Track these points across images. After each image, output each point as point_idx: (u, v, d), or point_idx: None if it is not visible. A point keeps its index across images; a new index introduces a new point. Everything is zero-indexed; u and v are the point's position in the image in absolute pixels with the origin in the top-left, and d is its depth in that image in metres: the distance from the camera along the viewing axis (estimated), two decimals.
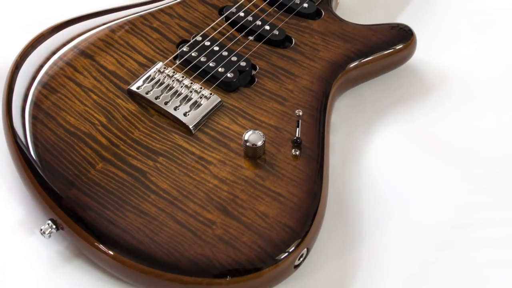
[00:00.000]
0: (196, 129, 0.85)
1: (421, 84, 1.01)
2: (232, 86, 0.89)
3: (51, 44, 0.92)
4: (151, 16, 0.97)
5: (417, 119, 0.97)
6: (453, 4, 1.11)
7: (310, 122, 0.87)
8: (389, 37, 0.97)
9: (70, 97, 0.87)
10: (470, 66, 1.03)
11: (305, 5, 0.99)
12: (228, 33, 0.95)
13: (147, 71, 0.89)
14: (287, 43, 0.96)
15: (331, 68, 0.93)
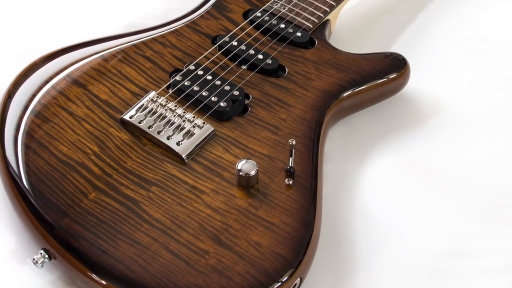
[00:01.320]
0: (189, 158, 0.88)
1: (414, 113, 1.04)
2: (225, 115, 0.93)
3: (44, 73, 0.96)
4: (144, 45, 1.00)
5: (410, 148, 1.00)
6: (447, 33, 1.15)
7: (304, 151, 0.90)
8: (382, 66, 1.01)
9: (62, 126, 0.90)
10: (464, 95, 1.07)
11: (298, 34, 1.02)
12: (221, 62, 0.99)
13: (140, 100, 0.93)
14: (280, 72, 0.99)
15: (325, 97, 0.97)
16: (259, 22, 1.04)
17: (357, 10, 1.18)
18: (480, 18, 1.17)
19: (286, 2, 1.06)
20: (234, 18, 1.05)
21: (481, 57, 1.12)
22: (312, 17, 1.05)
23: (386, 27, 1.16)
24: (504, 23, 1.17)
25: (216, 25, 1.04)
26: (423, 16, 1.17)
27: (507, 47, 1.13)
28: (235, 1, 1.08)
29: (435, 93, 1.06)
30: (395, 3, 1.20)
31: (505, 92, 1.07)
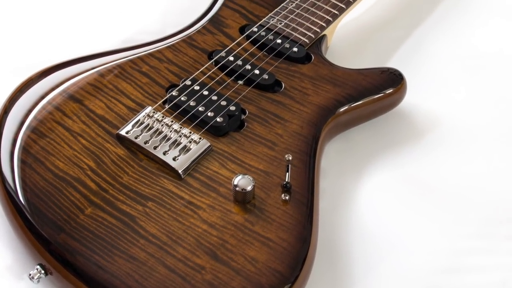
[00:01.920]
0: (186, 173, 0.90)
1: (411, 129, 1.06)
2: (222, 130, 0.94)
3: (40, 89, 0.97)
4: (140, 60, 1.02)
5: (407, 164, 1.02)
6: (443, 48, 1.17)
7: (300, 166, 0.92)
8: (379, 81, 1.03)
9: (59, 142, 0.92)
10: (460, 110, 1.09)
11: (294, 50, 1.04)
12: (218, 78, 1.00)
13: (136, 116, 0.94)
14: (276, 88, 1.01)
15: (321, 112, 0.98)
16: (256, 37, 1.05)
17: (354, 25, 1.20)
18: (476, 34, 1.19)
19: (282, 17, 1.08)
20: (230, 33, 1.07)
21: (477, 73, 1.14)
22: (309, 32, 1.06)
23: (383, 42, 1.18)
24: (500, 39, 1.19)
25: (213, 40, 1.06)
26: (419, 31, 1.20)
27: (503, 62, 1.15)
28: (232, 16, 1.09)
29: (431, 108, 1.08)
30: (392, 18, 1.22)
31: (501, 107, 1.09)
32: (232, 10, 1.10)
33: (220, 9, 1.11)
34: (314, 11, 1.09)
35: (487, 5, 1.23)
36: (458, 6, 1.23)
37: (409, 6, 1.23)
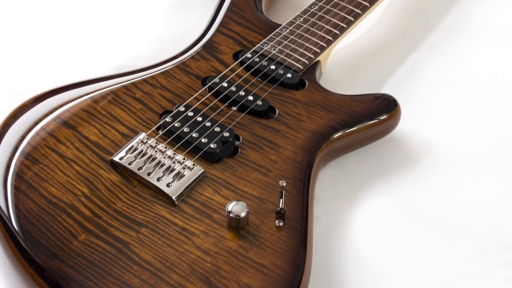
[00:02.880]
0: (179, 200, 0.92)
1: (405, 155, 1.08)
2: (215, 156, 0.97)
3: (34, 115, 0.99)
4: (134, 86, 1.05)
5: (401, 190, 1.04)
6: (437, 74, 1.20)
7: (294, 193, 0.94)
8: (373, 107, 1.05)
9: (52, 168, 0.94)
10: (454, 136, 1.11)
11: (288, 76, 1.07)
12: (212, 104, 1.03)
13: (130, 142, 0.97)
14: (270, 114, 1.03)
15: (315, 138, 1.01)
16: (250, 63, 1.08)
17: (348, 51, 1.23)
18: (470, 59, 1.22)
19: (276, 43, 1.11)
20: (224, 59, 1.10)
21: (472, 98, 1.16)
22: (303, 58, 1.09)
23: (377, 68, 1.21)
24: (494, 64, 1.21)
25: (206, 66, 1.08)
26: (413, 57, 1.22)
27: (498, 88, 1.18)
28: (225, 42, 1.12)
29: (425, 134, 1.11)
30: (386, 44, 1.25)
31: (496, 133, 1.12)
32: (226, 36, 1.13)
33: (213, 35, 1.13)
34: (308, 37, 1.12)
35: (481, 31, 1.26)
36: (452, 31, 1.26)
37: (403, 32, 1.26)
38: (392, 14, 1.29)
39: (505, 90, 1.17)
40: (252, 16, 1.16)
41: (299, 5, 1.27)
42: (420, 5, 1.30)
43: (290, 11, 1.25)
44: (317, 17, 1.14)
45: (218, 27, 1.15)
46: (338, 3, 1.16)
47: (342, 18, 1.14)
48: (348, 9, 1.15)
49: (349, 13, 1.14)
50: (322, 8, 1.16)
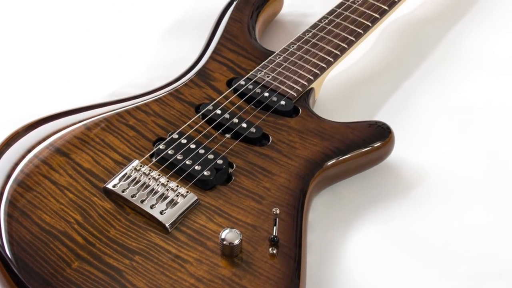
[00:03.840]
0: (173, 227, 0.94)
1: (399, 182, 1.11)
2: (209, 184, 0.99)
3: (27, 142, 1.02)
4: (127, 113, 1.07)
5: (395, 218, 1.06)
6: (431, 102, 1.22)
7: (288, 220, 0.96)
8: (367, 134, 1.07)
9: (45, 195, 0.96)
10: (448, 164, 1.13)
11: (282, 103, 1.09)
12: (205, 131, 1.05)
13: (123, 169, 0.99)
14: (264, 141, 1.05)
15: (309, 166, 1.03)
16: (243, 90, 1.11)
17: (341, 78, 1.25)
18: (464, 88, 1.25)
19: (270, 70, 1.14)
20: (218, 87, 1.12)
21: (465, 127, 1.19)
22: (296, 86, 1.12)
23: (370, 95, 1.23)
24: (488, 93, 1.24)
25: (200, 94, 1.11)
26: (407, 85, 1.25)
27: (491, 116, 1.20)
28: (219, 70, 1.15)
29: (419, 162, 1.13)
30: (379, 71, 1.27)
31: (489, 161, 1.14)
32: (219, 63, 1.16)
33: (207, 62, 1.16)
34: (302, 64, 1.14)
35: (475, 59, 1.29)
36: (446, 59, 1.29)
37: (397, 60, 1.29)
38: (386, 41, 1.32)
39: (499, 118, 1.20)
40: (245, 43, 1.19)
41: (293, 32, 1.30)
42: (414, 32, 1.34)
43: (283, 38, 1.28)
44: (311, 44, 1.17)
45: (212, 54, 1.17)
46: (331, 30, 1.19)
47: (336, 45, 1.17)
48: (342, 36, 1.18)
49: (343, 40, 1.17)
50: (315, 35, 1.18)
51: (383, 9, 1.22)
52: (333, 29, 1.19)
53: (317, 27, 1.20)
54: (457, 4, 1.38)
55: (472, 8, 1.37)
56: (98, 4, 1.41)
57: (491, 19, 1.36)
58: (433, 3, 1.39)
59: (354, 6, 1.23)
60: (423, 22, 1.35)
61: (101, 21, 1.37)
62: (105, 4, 1.41)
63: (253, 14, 1.24)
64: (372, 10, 1.22)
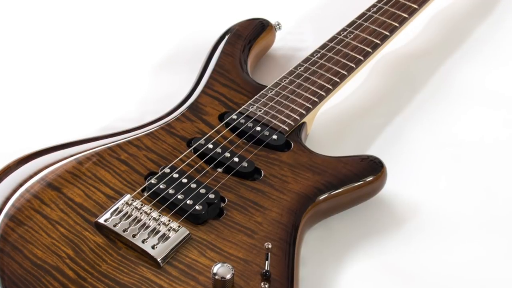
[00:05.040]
0: (165, 262, 0.96)
1: (391, 217, 1.13)
2: (201, 218, 1.01)
3: (18, 176, 1.04)
4: (118, 148, 1.10)
5: (387, 252, 1.08)
6: (423, 136, 1.25)
7: (279, 255, 0.98)
8: (359, 169, 1.10)
9: (37, 230, 0.98)
10: (441, 198, 1.16)
11: (274, 137, 1.12)
12: (197, 165, 1.08)
13: (114, 204, 1.01)
14: (256, 175, 1.08)
15: (301, 200, 1.05)
16: (235, 124, 1.13)
17: (333, 112, 1.28)
18: (456, 122, 1.27)
19: (262, 104, 1.16)
20: (209, 121, 1.15)
21: (458, 161, 1.21)
22: (288, 120, 1.14)
23: (363, 129, 1.26)
24: (480, 127, 1.26)
25: (192, 128, 1.14)
26: (400, 119, 1.27)
27: (484, 150, 1.23)
28: (211, 104, 1.17)
29: (412, 196, 1.15)
30: (371, 105, 1.30)
31: (482, 196, 1.16)
32: (211, 97, 1.19)
33: (199, 97, 1.19)
34: (294, 98, 1.17)
35: (467, 93, 1.32)
36: (438, 93, 1.32)
37: (389, 94, 1.32)
38: (378, 75, 1.35)
39: (491, 152, 1.22)
40: (237, 77, 1.22)
41: (285, 66, 1.33)
42: (406, 66, 1.37)
43: (275, 73, 1.31)
44: (303, 78, 1.20)
45: (204, 88, 1.20)
46: (324, 65, 1.22)
47: (328, 79, 1.19)
48: (334, 71, 1.21)
49: (335, 74, 1.20)
50: (308, 69, 1.21)
51: (375, 43, 1.26)
52: (325, 63, 1.22)
53: (309, 61, 1.23)
54: (449, 39, 1.42)
55: (464, 42, 1.41)
56: (90, 38, 1.44)
57: (483, 53, 1.40)
58: (425, 38, 1.43)
59: (346, 40, 1.26)
60: (416, 56, 1.39)
61: (92, 55, 1.41)
62: (97, 38, 1.44)
63: (245, 48, 1.28)
64: (364, 44, 1.25)
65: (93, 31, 1.46)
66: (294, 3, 1.51)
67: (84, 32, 1.46)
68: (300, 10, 1.50)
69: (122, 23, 1.48)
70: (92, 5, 1.51)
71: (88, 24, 1.47)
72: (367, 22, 1.29)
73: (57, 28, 1.46)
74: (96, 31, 1.46)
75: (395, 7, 1.32)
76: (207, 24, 1.46)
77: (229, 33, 1.29)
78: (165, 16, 1.49)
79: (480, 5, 1.48)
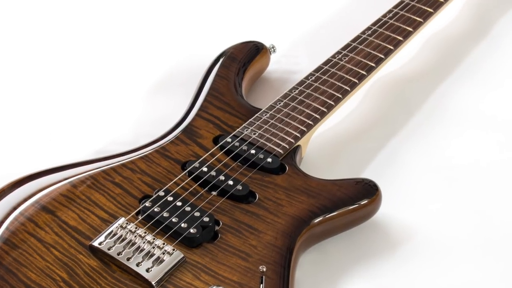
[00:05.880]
0: (159, 285, 0.97)
1: (386, 240, 1.14)
2: (195, 241, 1.02)
3: (12, 199, 1.06)
4: (113, 171, 1.11)
5: (382, 275, 1.09)
6: (418, 160, 1.26)
7: (274, 278, 1.00)
8: (353, 192, 1.11)
9: (31, 253, 1.00)
10: (435, 222, 1.17)
11: (269, 160, 1.13)
12: (191, 188, 1.09)
13: (109, 227, 1.03)
14: (250, 198, 1.09)
15: (295, 223, 1.06)
16: (230, 147, 1.15)
17: (328, 135, 1.29)
18: (451, 145, 1.29)
19: (256, 127, 1.18)
20: (204, 144, 1.16)
21: (452, 184, 1.23)
22: (283, 143, 1.16)
23: (357, 152, 1.27)
24: (474, 151, 1.28)
25: (186, 151, 1.15)
26: (394, 142, 1.29)
27: (478, 173, 1.24)
28: (205, 127, 1.19)
29: (406, 219, 1.17)
30: (366, 128, 1.32)
31: (476, 219, 1.18)
32: (206, 120, 1.20)
33: (193, 120, 1.20)
34: (288, 121, 1.19)
35: (462, 116, 1.34)
36: (432, 117, 1.34)
37: (384, 117, 1.34)
38: (373, 98, 1.37)
39: (486, 176, 1.24)
40: (232, 100, 1.24)
41: (279, 89, 1.35)
42: (400, 89, 1.39)
43: (270, 95, 1.33)
44: (298, 101, 1.22)
45: (198, 111, 1.22)
46: (318, 88, 1.23)
47: (323, 102, 1.21)
48: (329, 94, 1.22)
49: (330, 97, 1.22)
50: (302, 92, 1.23)
51: (370, 66, 1.27)
52: (320, 86, 1.24)
53: (303, 84, 1.25)
54: (443, 62, 1.45)
55: (458, 65, 1.44)
56: (85, 61, 1.46)
57: (477, 76, 1.42)
58: (420, 61, 1.45)
59: (341, 63, 1.28)
60: (410, 79, 1.41)
61: (87, 78, 1.42)
62: (92, 60, 1.46)
63: (240, 71, 1.29)
64: (359, 68, 1.27)
65: (88, 53, 1.48)
66: (289, 26, 1.54)
67: (79, 54, 1.48)
68: (295, 33, 1.52)
69: (117, 46, 1.50)
70: (86, 28, 1.54)
71: (83, 46, 1.49)
72: (362, 45, 1.31)
73: (52, 50, 1.48)
74: (91, 53, 1.48)
75: (390, 30, 1.34)
76: (201, 47, 1.49)
77: (223, 56, 1.31)
78: (160, 39, 1.51)
79: (474, 28, 1.51)
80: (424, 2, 1.39)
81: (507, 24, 1.52)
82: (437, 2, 1.40)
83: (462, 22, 1.53)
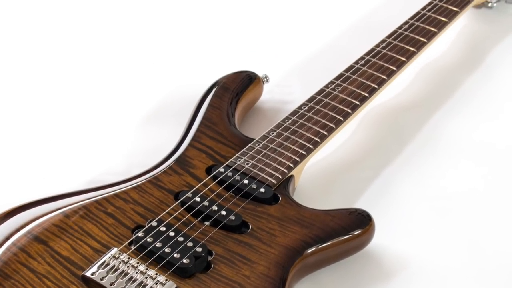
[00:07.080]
0: None
1: (379, 270, 1.15)
2: (188, 272, 1.04)
3: (4, 230, 1.07)
4: (105, 201, 1.13)
5: None
6: (412, 189, 1.28)
7: None
8: (347, 222, 1.13)
9: (23, 283, 1.02)
10: (429, 252, 1.18)
11: (262, 190, 1.15)
12: (184, 218, 1.11)
13: (102, 257, 1.05)
14: (243, 229, 1.11)
15: (288, 254, 1.08)
16: (222, 177, 1.17)
17: (321, 165, 1.31)
18: (445, 175, 1.31)
19: (249, 157, 1.20)
20: (197, 174, 1.18)
21: (446, 214, 1.24)
22: (276, 173, 1.18)
23: (351, 182, 1.29)
24: (468, 180, 1.30)
25: (179, 181, 1.17)
26: (388, 172, 1.31)
27: (472, 204, 1.26)
28: (198, 157, 1.21)
29: (400, 249, 1.18)
30: (359, 158, 1.34)
31: (470, 249, 1.19)
32: (199, 150, 1.22)
33: (186, 150, 1.22)
34: (282, 151, 1.21)
35: (455, 146, 1.36)
36: (426, 146, 1.36)
37: (377, 146, 1.36)
38: (366, 128, 1.39)
39: (480, 206, 1.26)
40: (225, 130, 1.26)
41: (273, 119, 1.37)
42: (394, 119, 1.41)
43: (263, 125, 1.35)
44: (291, 131, 1.24)
45: (191, 141, 1.24)
46: (311, 117, 1.26)
47: (316, 132, 1.23)
48: (322, 124, 1.24)
49: (323, 127, 1.24)
50: (295, 122, 1.25)
51: (363, 96, 1.30)
52: (313, 116, 1.26)
53: (297, 114, 1.27)
54: (436, 92, 1.47)
55: (452, 95, 1.46)
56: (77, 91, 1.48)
57: (471, 106, 1.44)
58: (414, 91, 1.47)
59: (334, 92, 1.30)
60: (404, 109, 1.43)
61: (79, 109, 1.44)
62: (84, 91, 1.49)
63: (233, 101, 1.32)
64: (352, 97, 1.29)
65: (81, 83, 1.50)
66: (282, 55, 1.57)
67: (74, 85, 1.50)
68: (288, 62, 1.55)
69: (109, 75, 1.52)
70: (79, 57, 1.56)
71: (77, 76, 1.52)
72: (355, 75, 1.34)
73: (47, 77, 1.51)
74: (83, 84, 1.50)
75: (383, 59, 1.36)
76: (194, 76, 1.51)
77: (216, 86, 1.34)
78: (153, 69, 1.54)
79: (468, 58, 1.55)
80: (417, 32, 1.42)
81: (500, 54, 1.55)
82: (430, 31, 1.43)
83: (455, 52, 1.56)
